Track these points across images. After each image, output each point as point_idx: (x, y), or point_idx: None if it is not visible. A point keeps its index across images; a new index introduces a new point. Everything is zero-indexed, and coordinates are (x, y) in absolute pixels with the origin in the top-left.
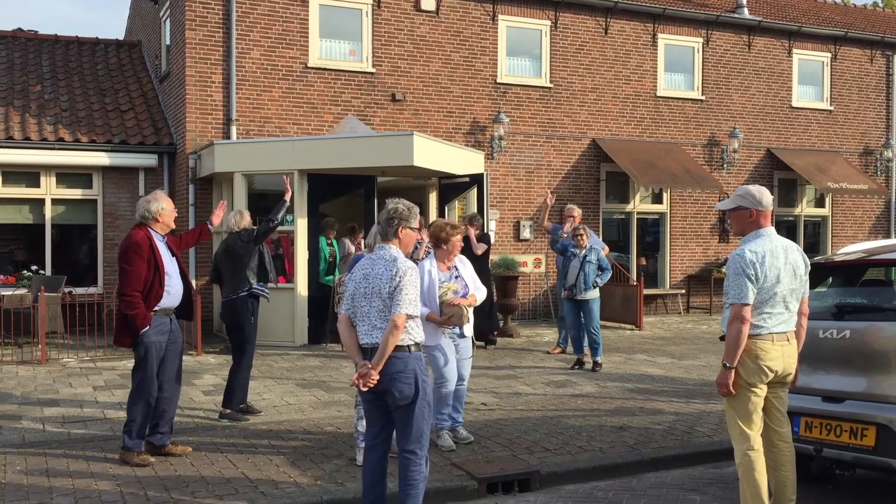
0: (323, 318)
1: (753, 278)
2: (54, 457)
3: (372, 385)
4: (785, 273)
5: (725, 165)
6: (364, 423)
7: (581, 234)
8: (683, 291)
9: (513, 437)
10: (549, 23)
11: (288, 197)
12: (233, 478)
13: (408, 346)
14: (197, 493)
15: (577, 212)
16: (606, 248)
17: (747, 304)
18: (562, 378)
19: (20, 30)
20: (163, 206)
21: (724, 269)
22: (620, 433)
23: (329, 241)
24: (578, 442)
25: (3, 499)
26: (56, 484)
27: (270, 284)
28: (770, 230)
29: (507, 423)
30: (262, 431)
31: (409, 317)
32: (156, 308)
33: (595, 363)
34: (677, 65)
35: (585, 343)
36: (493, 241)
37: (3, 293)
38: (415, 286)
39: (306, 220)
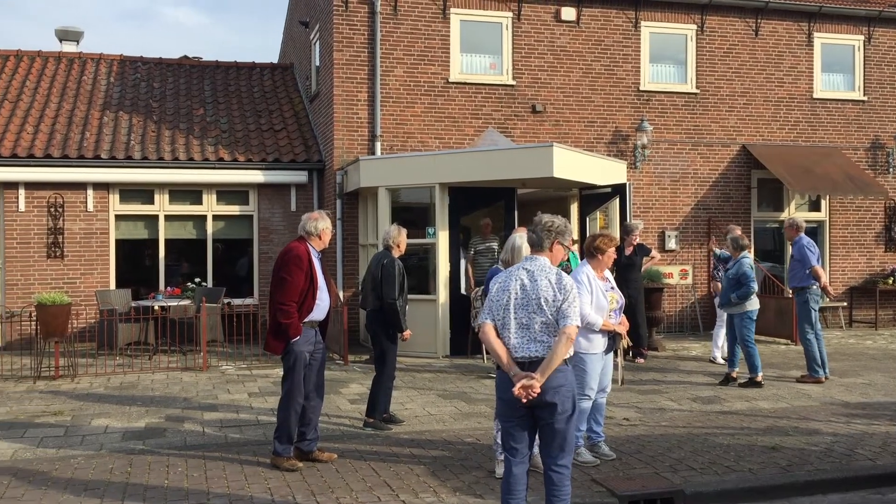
0: (465, 330)
1: None
2: (212, 459)
3: (534, 397)
4: None
5: (892, 170)
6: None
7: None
8: (845, 304)
9: (656, 453)
10: (694, 27)
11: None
12: (375, 485)
13: (565, 359)
14: (341, 500)
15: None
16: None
17: None
18: (709, 394)
19: (186, 57)
20: (326, 226)
21: (891, 281)
22: (772, 453)
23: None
24: (726, 461)
25: (165, 499)
26: (213, 486)
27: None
28: None
29: (650, 439)
30: (404, 440)
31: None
32: (305, 320)
33: (750, 380)
34: (836, 65)
35: (739, 358)
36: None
37: (169, 304)
38: (578, 299)
39: (447, 232)
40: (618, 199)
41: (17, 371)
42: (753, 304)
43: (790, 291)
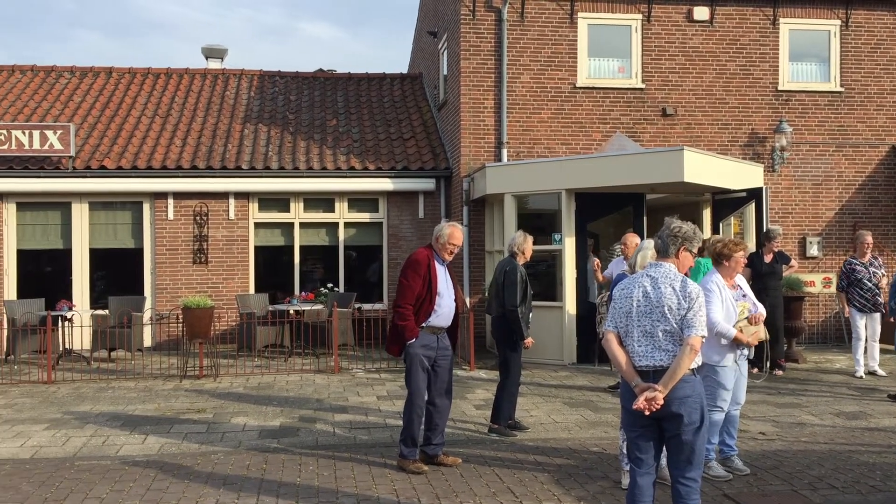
0: (592, 337)
1: None
2: (341, 459)
3: (657, 408)
4: None
5: None
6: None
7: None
8: None
9: (793, 470)
10: (838, 22)
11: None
12: (498, 491)
13: (693, 369)
14: None
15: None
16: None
17: None
18: (854, 409)
19: (321, 70)
20: (444, 233)
21: None
22: None
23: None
24: (871, 481)
25: (297, 496)
26: (342, 486)
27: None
28: None
29: (788, 455)
30: (529, 447)
31: (703, 339)
32: (423, 324)
33: None
34: None
35: None
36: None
37: (303, 308)
38: (705, 308)
39: (574, 238)
40: (753, 204)
41: (166, 370)
42: None
43: None
